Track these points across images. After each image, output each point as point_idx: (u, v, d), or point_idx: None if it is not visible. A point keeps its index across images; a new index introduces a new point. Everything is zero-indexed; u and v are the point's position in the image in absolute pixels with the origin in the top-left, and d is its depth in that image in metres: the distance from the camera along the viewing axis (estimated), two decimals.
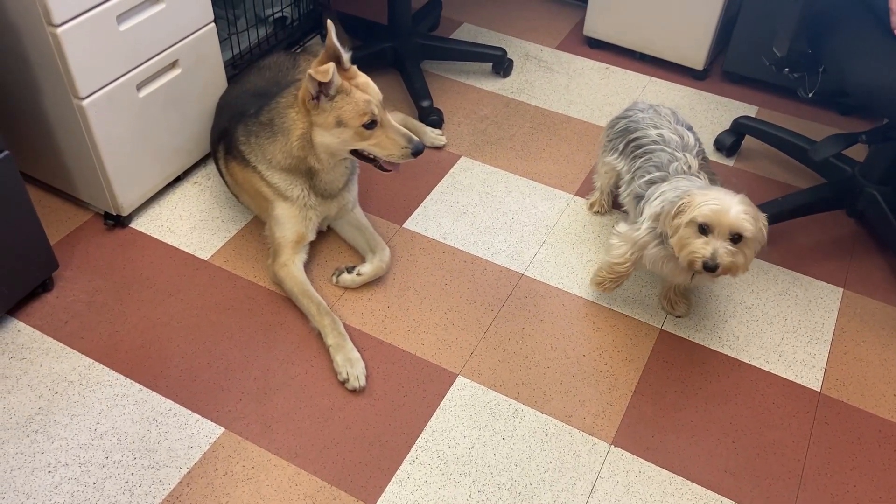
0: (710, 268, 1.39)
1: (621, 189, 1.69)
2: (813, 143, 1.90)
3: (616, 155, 1.70)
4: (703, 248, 1.39)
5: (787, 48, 1.64)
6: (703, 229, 1.39)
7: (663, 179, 1.54)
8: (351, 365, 1.52)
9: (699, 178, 1.53)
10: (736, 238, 1.38)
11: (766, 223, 1.41)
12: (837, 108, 2.29)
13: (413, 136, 1.56)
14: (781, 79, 2.25)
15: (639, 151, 1.62)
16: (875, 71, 1.48)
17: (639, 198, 1.58)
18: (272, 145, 1.61)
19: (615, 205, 1.90)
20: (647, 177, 1.57)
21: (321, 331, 1.57)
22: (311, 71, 1.44)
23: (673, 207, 1.43)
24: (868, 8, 1.58)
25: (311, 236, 1.70)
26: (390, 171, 1.61)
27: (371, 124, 1.52)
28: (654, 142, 1.61)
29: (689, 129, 1.65)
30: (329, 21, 1.52)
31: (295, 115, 1.56)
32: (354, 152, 1.58)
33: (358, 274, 1.69)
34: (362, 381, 1.50)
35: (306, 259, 1.71)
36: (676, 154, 1.57)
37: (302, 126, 1.55)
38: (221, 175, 1.81)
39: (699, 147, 1.61)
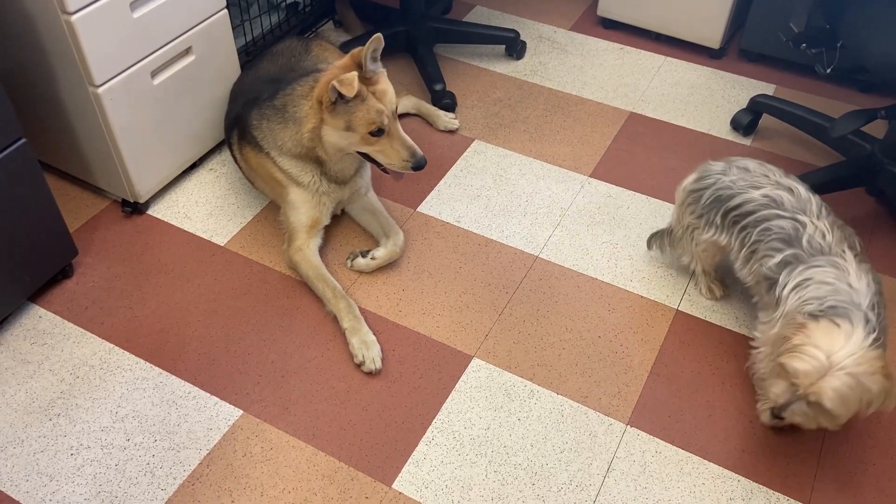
0: (774, 415, 1.27)
1: (737, 266, 1.46)
2: (831, 120, 1.87)
3: (715, 230, 1.47)
4: (778, 395, 1.24)
5: (805, 23, 1.61)
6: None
7: (798, 259, 1.32)
8: (367, 348, 1.52)
9: (843, 259, 1.29)
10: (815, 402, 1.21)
11: (882, 393, 1.18)
12: (856, 84, 2.26)
13: (417, 151, 1.56)
14: (799, 56, 2.22)
15: (748, 221, 1.40)
16: (894, 46, 1.45)
17: (769, 280, 1.36)
18: (283, 131, 1.62)
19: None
20: (778, 257, 1.34)
21: (337, 314, 1.58)
22: (335, 83, 1.44)
23: (788, 327, 1.25)
24: None
25: (326, 221, 1.71)
26: (389, 174, 1.62)
27: (378, 132, 1.52)
28: (765, 205, 1.37)
29: (795, 179, 1.42)
30: (379, 35, 1.50)
31: (308, 108, 1.56)
32: (360, 152, 1.59)
33: (372, 258, 1.69)
34: (378, 364, 1.51)
35: (321, 243, 1.72)
36: (800, 218, 1.33)
37: (314, 120, 1.56)
38: (236, 161, 1.82)
39: (817, 202, 1.36)
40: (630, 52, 2.39)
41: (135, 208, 1.84)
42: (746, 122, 2.07)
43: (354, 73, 1.46)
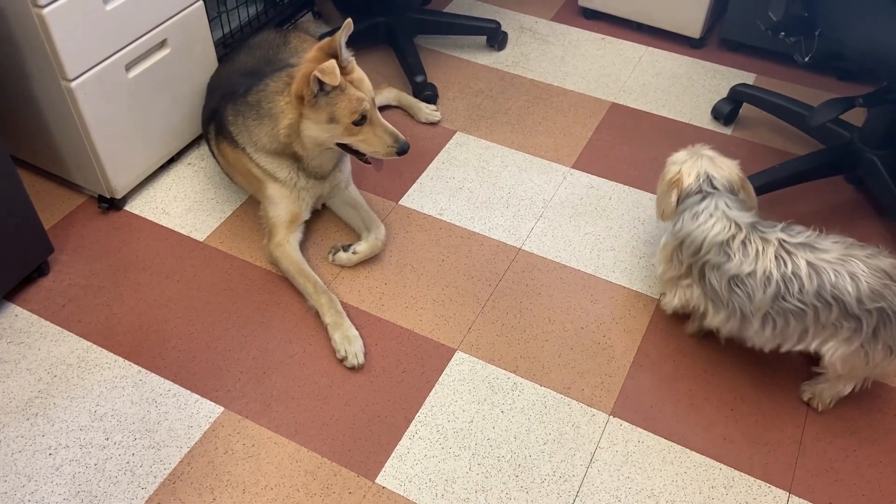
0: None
1: None
2: (811, 108, 1.88)
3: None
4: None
5: (783, 12, 1.61)
6: None
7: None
8: (349, 342, 1.51)
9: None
10: None
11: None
12: (835, 73, 2.26)
13: (399, 135, 1.55)
14: (778, 45, 2.22)
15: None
16: (872, 34, 1.45)
17: None
18: (258, 128, 1.60)
19: None
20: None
21: (318, 309, 1.57)
22: (317, 73, 1.42)
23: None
24: None
25: (306, 216, 1.70)
26: (371, 164, 1.61)
27: (361, 121, 1.51)
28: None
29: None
30: (349, 19, 1.51)
31: (284, 104, 1.54)
32: (341, 144, 1.57)
33: (354, 252, 1.68)
34: (361, 359, 1.50)
35: (302, 238, 1.70)
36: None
37: (291, 116, 1.54)
38: (214, 156, 1.80)
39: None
40: (611, 43, 2.39)
41: (111, 204, 1.81)
42: (727, 111, 2.08)
43: (333, 62, 1.44)
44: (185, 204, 1.84)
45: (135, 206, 1.83)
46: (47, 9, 1.45)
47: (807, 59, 1.66)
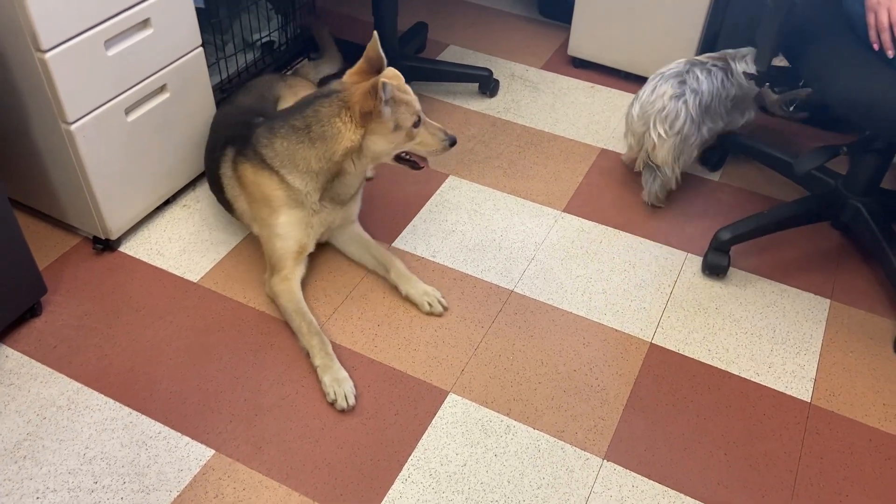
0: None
1: None
2: (796, 156, 1.92)
3: None
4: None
5: (768, 63, 1.66)
6: None
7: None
8: (338, 384, 1.51)
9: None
10: None
11: None
12: (818, 122, 2.32)
13: (445, 129, 1.64)
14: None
15: None
16: (854, 84, 1.50)
17: None
18: (307, 150, 1.59)
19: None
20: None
21: (309, 350, 1.57)
22: (383, 79, 1.48)
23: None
24: (846, 22, 1.61)
25: (311, 247, 1.70)
26: (423, 167, 1.68)
27: (417, 122, 1.59)
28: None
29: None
30: (375, 32, 1.61)
31: (342, 125, 1.56)
32: (397, 156, 1.64)
33: (407, 296, 1.71)
34: (351, 401, 1.50)
35: (304, 274, 1.71)
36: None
37: (352, 137, 1.56)
38: (217, 181, 1.76)
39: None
40: (600, 91, 2.45)
41: (106, 245, 1.82)
42: (715, 158, 2.12)
43: (393, 69, 1.53)
44: (179, 245, 1.85)
45: (129, 248, 1.84)
46: (49, 54, 1.48)
47: (791, 108, 1.71)
